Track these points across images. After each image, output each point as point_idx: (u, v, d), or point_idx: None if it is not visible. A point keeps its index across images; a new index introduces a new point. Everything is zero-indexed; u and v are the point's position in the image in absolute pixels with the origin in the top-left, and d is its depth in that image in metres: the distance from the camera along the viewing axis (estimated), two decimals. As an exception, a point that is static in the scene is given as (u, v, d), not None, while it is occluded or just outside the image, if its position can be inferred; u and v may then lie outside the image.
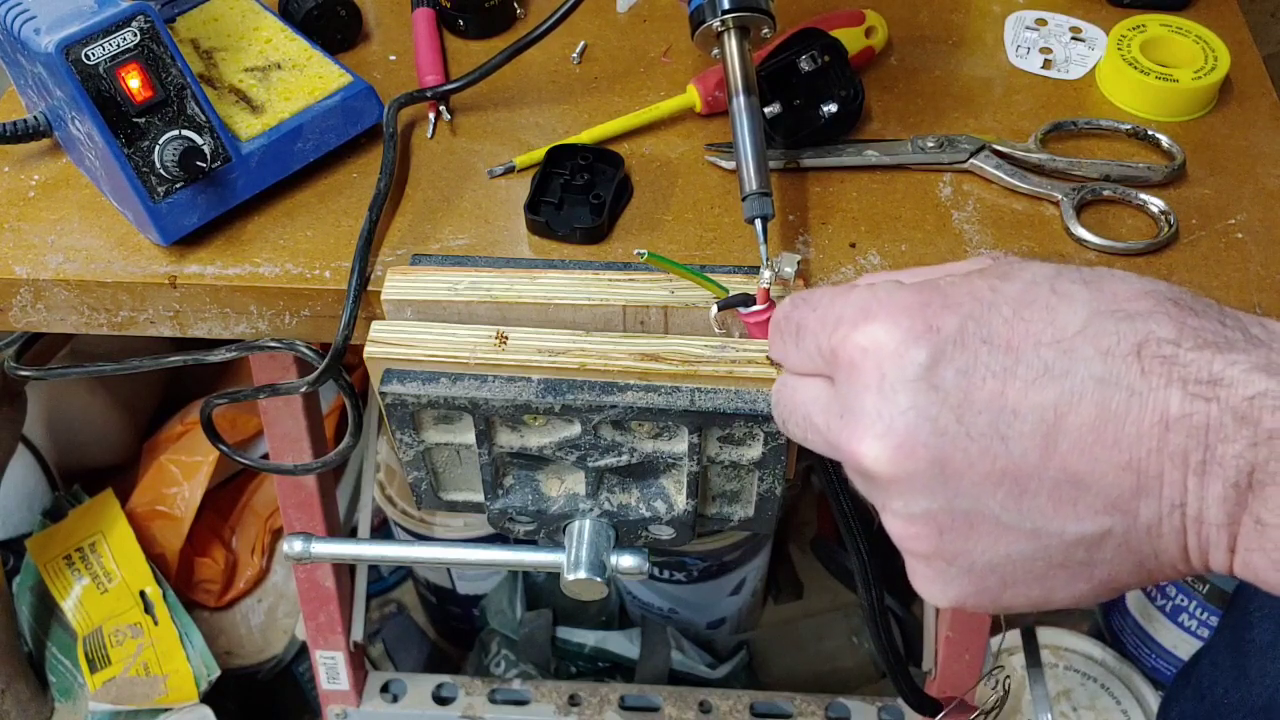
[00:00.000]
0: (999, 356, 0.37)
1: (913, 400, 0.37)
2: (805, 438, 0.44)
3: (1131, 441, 0.35)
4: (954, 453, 0.37)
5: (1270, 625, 0.75)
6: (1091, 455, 0.36)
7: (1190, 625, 1.15)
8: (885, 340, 0.38)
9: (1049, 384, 0.36)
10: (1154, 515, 0.36)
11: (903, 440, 0.38)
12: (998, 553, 0.38)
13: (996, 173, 0.64)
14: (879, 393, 0.38)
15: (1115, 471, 0.36)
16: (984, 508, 0.38)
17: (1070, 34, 0.74)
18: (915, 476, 0.38)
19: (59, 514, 1.14)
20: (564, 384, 0.56)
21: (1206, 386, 0.35)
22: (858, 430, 0.39)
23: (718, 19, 0.59)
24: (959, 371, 0.37)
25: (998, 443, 0.37)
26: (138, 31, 0.56)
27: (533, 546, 0.65)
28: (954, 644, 0.88)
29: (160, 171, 0.59)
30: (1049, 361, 0.36)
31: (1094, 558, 0.38)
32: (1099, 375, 0.36)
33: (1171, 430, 0.35)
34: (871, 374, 0.38)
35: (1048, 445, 0.36)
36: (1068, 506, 0.37)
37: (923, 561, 0.40)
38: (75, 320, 0.63)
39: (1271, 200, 0.64)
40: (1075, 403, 0.36)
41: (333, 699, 1.01)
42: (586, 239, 0.62)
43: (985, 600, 0.40)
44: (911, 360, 0.37)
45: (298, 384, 0.65)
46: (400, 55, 0.74)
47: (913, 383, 0.37)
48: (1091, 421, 0.36)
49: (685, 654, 1.19)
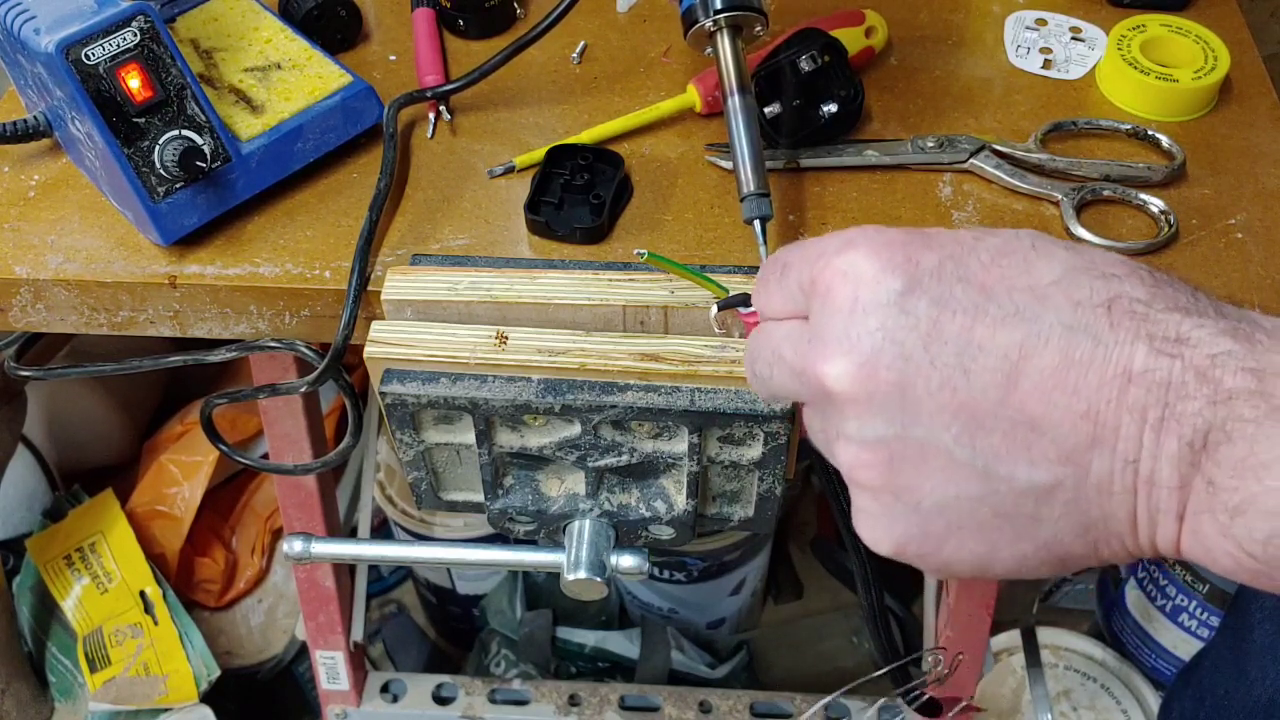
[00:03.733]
0: (972, 294, 0.38)
1: (882, 322, 0.38)
2: (770, 375, 0.44)
3: (1092, 391, 0.36)
4: (916, 379, 0.38)
5: (1271, 627, 0.75)
6: (1050, 400, 0.36)
7: (1190, 625, 1.15)
8: (864, 267, 0.39)
9: (1017, 325, 0.37)
10: (1106, 471, 0.36)
11: (867, 359, 0.38)
12: (946, 492, 0.38)
13: (996, 173, 0.64)
14: (850, 314, 0.39)
15: (1072, 419, 0.36)
16: (938, 440, 0.38)
17: (1070, 34, 0.74)
18: (874, 398, 0.38)
19: (59, 514, 1.14)
20: (564, 384, 0.56)
21: (1172, 344, 0.36)
22: (825, 350, 0.39)
23: (709, 19, 0.59)
24: (932, 302, 0.38)
25: (960, 375, 0.37)
26: (138, 31, 0.56)
27: (533, 546, 0.65)
28: (954, 644, 0.88)
29: (160, 171, 0.59)
30: (1020, 305, 0.37)
31: (1041, 512, 0.38)
32: (1067, 322, 0.37)
33: (1133, 383, 0.35)
34: (845, 297, 0.39)
35: (1009, 384, 0.37)
36: (1021, 450, 0.37)
37: (870, 495, 0.40)
38: (75, 320, 0.63)
39: (1271, 200, 0.64)
40: (1040, 346, 0.36)
41: (333, 699, 1.01)
42: (586, 239, 0.62)
43: (928, 546, 0.40)
44: (886, 286, 0.38)
45: (298, 384, 0.65)
46: (400, 55, 0.74)
47: (884, 306, 0.38)
48: (1054, 366, 0.36)
49: (685, 654, 1.19)
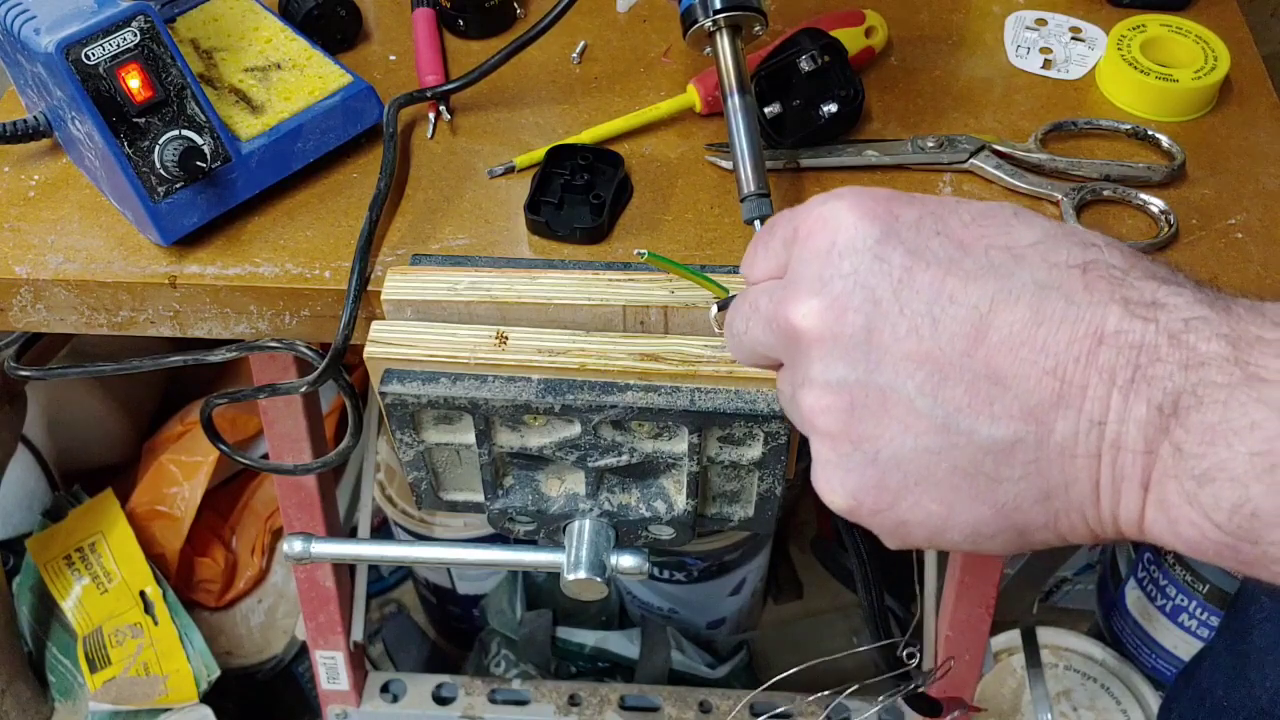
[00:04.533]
0: (949, 248, 0.38)
1: (855, 266, 0.38)
2: (745, 330, 0.44)
3: (1060, 349, 0.36)
4: (883, 324, 0.38)
5: (1271, 628, 0.75)
6: (1017, 355, 0.36)
7: (1190, 625, 1.15)
8: (845, 216, 0.39)
9: (990, 279, 0.37)
10: (1070, 432, 0.36)
11: (836, 299, 0.38)
12: (905, 444, 0.38)
13: (996, 173, 0.64)
14: (825, 258, 0.39)
15: (1038, 375, 0.36)
16: (900, 388, 0.38)
17: (1070, 34, 0.74)
18: (839, 339, 0.38)
19: (59, 514, 1.14)
20: (564, 384, 0.56)
21: (1147, 308, 0.35)
22: (797, 291, 0.40)
23: (709, 19, 0.59)
24: (907, 251, 0.38)
25: (928, 324, 0.37)
26: (138, 31, 0.56)
27: (533, 546, 0.65)
28: (954, 644, 0.88)
29: (160, 171, 0.59)
30: (996, 261, 0.37)
31: (1001, 472, 0.37)
32: (1041, 280, 0.37)
33: (1104, 345, 0.35)
34: (823, 242, 0.40)
35: (976, 337, 0.36)
36: (984, 404, 0.37)
37: (829, 444, 0.40)
38: (75, 320, 0.63)
39: (1271, 200, 0.64)
40: (1011, 301, 0.36)
41: (333, 699, 1.01)
42: (586, 239, 0.62)
43: (884, 501, 0.40)
44: (864, 233, 0.39)
45: (298, 384, 0.65)
46: (400, 55, 0.74)
47: (859, 252, 0.39)
48: (1024, 321, 0.36)
49: (685, 654, 1.19)
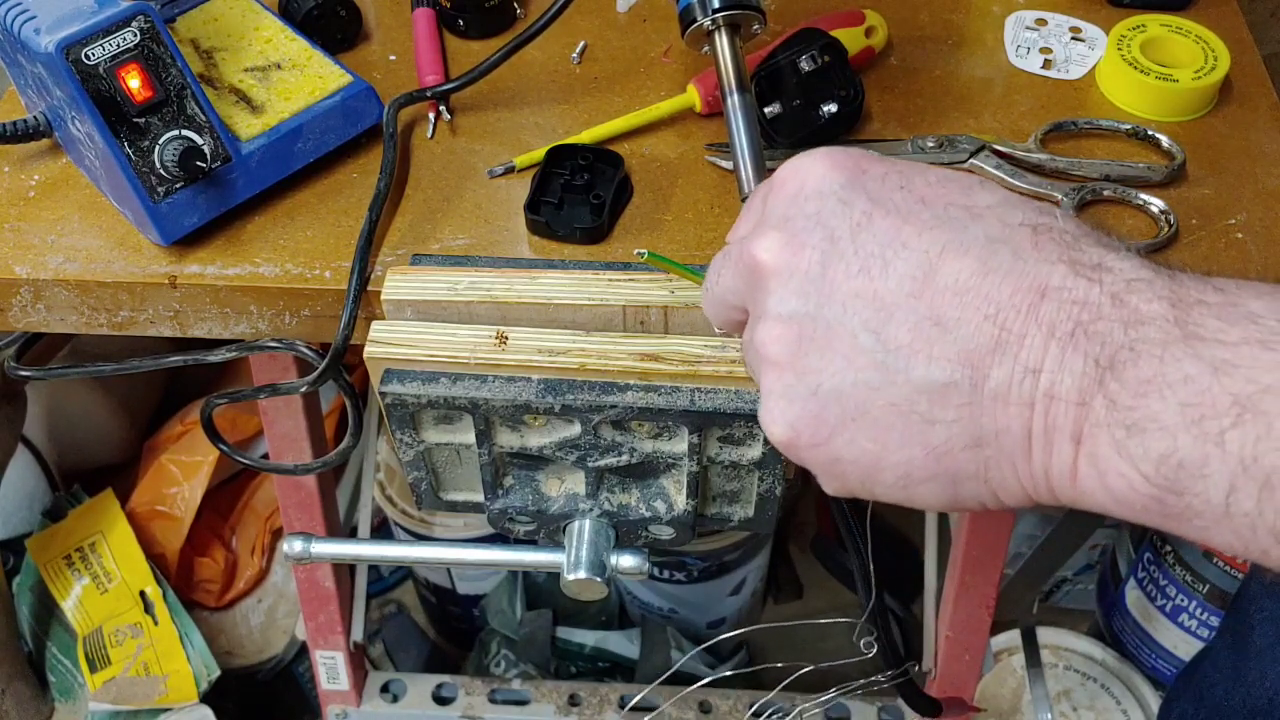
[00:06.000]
0: (910, 201, 0.40)
1: (818, 207, 0.41)
2: (716, 280, 0.45)
3: (1003, 299, 0.37)
4: (837, 262, 0.40)
5: (1270, 628, 0.75)
6: (960, 301, 0.37)
7: (1190, 625, 1.15)
8: (816, 165, 0.42)
9: (944, 230, 0.39)
10: (1005, 379, 0.37)
11: (796, 235, 0.41)
12: (845, 378, 0.40)
13: (996, 173, 0.64)
14: (792, 199, 0.42)
15: (978, 320, 0.37)
16: (846, 324, 0.39)
17: (1070, 34, 0.74)
18: (795, 273, 0.40)
19: (59, 514, 1.14)
20: (564, 384, 0.56)
21: (1092, 270, 0.37)
22: (764, 230, 0.42)
23: (707, 18, 0.59)
24: (869, 199, 0.40)
25: (879, 265, 0.39)
26: (138, 31, 0.56)
27: (533, 546, 0.65)
28: (954, 644, 0.88)
29: (160, 171, 0.59)
30: (952, 215, 0.39)
31: (935, 413, 0.38)
32: (993, 235, 0.38)
33: (1046, 299, 0.36)
34: (793, 186, 0.42)
35: (924, 280, 0.38)
36: (923, 345, 0.38)
37: (775, 374, 0.41)
38: (75, 320, 0.63)
39: (1271, 200, 0.64)
40: (961, 251, 0.38)
41: (333, 699, 1.01)
42: (586, 239, 0.62)
43: (820, 434, 0.41)
44: (831, 179, 0.41)
45: (298, 384, 0.65)
46: (400, 55, 0.74)
47: (824, 195, 0.41)
48: (970, 270, 0.38)
49: (685, 654, 1.19)
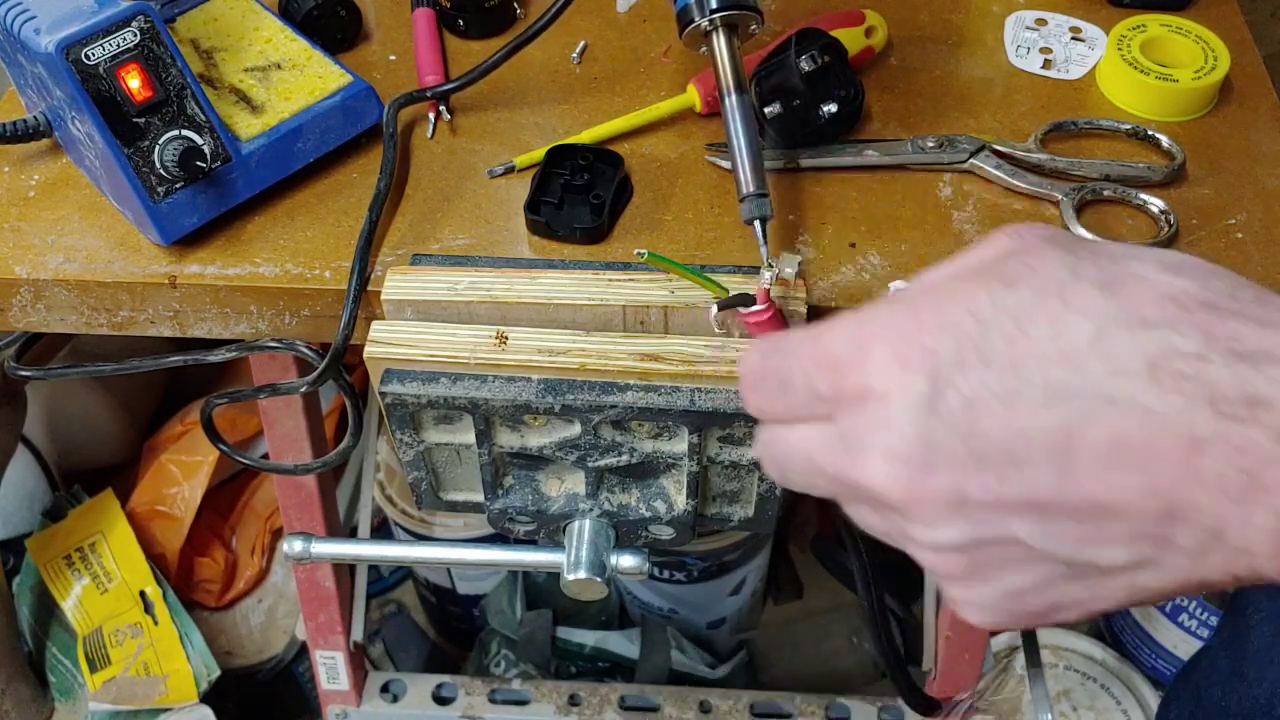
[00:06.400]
0: (1003, 378, 0.35)
1: (918, 430, 0.36)
2: (812, 484, 0.42)
3: (1154, 466, 0.33)
4: (969, 483, 0.35)
5: (1269, 628, 0.75)
6: (1109, 481, 0.34)
7: (1190, 625, 1.15)
8: (884, 372, 0.37)
9: (1057, 405, 0.34)
10: (1194, 544, 0.34)
11: (913, 469, 0.36)
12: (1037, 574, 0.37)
13: (996, 173, 0.64)
14: (885, 426, 0.37)
15: (1140, 497, 0.34)
16: (1011, 535, 0.36)
17: (1070, 34, 0.74)
18: (931, 505, 0.36)
19: (59, 514, 1.14)
20: (564, 384, 0.56)
21: (1241, 406, 0.32)
22: (871, 459, 0.37)
23: (705, 18, 0.59)
24: (963, 399, 0.35)
25: (1012, 470, 0.35)
26: (138, 31, 0.56)
27: (533, 546, 0.65)
28: (954, 644, 0.88)
29: (160, 171, 0.59)
30: (1055, 381, 0.34)
31: (1136, 582, 0.36)
32: (1108, 395, 0.34)
33: (1204, 454, 0.32)
34: (875, 408, 0.37)
35: (1063, 470, 0.34)
36: (1094, 533, 0.35)
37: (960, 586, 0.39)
38: (75, 320, 0.63)
39: (1271, 200, 0.64)
40: (1086, 425, 0.34)
41: (333, 699, 1.01)
42: (586, 239, 0.62)
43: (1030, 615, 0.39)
44: (913, 389, 0.36)
45: (298, 384, 0.65)
46: (400, 55, 0.74)
47: (916, 412, 0.36)
48: (1106, 444, 0.33)
49: (685, 654, 1.19)
